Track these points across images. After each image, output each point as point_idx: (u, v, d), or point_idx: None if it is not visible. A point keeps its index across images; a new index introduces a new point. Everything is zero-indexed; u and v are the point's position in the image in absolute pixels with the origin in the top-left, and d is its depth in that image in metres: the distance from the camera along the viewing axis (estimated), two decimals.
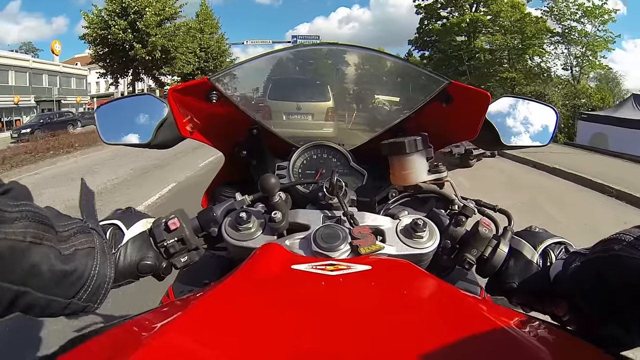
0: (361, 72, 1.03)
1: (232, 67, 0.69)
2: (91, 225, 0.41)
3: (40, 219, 0.32)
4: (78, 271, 0.36)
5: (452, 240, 0.50)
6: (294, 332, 0.28)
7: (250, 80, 0.91)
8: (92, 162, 7.48)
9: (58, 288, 0.34)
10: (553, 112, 0.70)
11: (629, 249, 0.30)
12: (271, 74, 0.96)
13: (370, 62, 1.01)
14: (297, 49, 0.90)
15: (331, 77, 1.02)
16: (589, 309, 0.34)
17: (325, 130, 1.05)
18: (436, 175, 0.55)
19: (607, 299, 0.31)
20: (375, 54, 0.87)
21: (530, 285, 0.46)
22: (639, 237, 0.30)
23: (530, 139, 0.68)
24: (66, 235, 0.36)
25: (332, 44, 0.91)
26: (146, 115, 0.66)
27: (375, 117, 1.02)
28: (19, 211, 0.30)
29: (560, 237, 0.48)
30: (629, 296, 0.29)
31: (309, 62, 0.95)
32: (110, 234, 0.45)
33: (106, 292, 0.39)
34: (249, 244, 0.48)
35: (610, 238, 0.33)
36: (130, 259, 0.45)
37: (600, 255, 0.33)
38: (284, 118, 1.06)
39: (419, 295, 0.37)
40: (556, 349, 0.28)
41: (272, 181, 0.48)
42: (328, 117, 1.03)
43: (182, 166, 6.25)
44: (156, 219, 0.50)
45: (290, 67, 0.92)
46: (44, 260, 0.31)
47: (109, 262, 0.40)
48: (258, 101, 0.98)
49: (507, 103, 0.67)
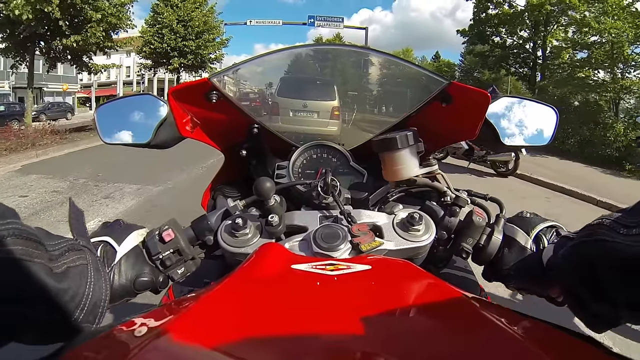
0: (361, 72, 1.03)
1: (232, 67, 0.69)
2: (82, 243, 0.39)
3: (29, 237, 0.30)
4: (72, 289, 0.34)
5: (448, 230, 0.51)
6: (294, 332, 0.28)
7: (253, 78, 0.91)
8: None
9: (52, 308, 0.32)
10: (553, 112, 0.70)
11: (610, 232, 0.31)
12: (277, 72, 0.96)
13: (370, 62, 1.01)
14: (297, 49, 0.90)
15: (332, 76, 1.03)
16: (579, 291, 0.36)
17: (330, 128, 1.06)
18: (428, 168, 0.56)
19: (594, 281, 0.33)
20: (376, 53, 0.88)
21: (525, 271, 0.47)
22: (618, 220, 0.31)
23: (530, 139, 0.68)
24: (57, 254, 0.34)
25: (331, 44, 0.92)
26: (146, 115, 0.66)
27: (376, 116, 1.02)
28: (6, 229, 0.29)
29: (551, 221, 0.49)
30: (613, 277, 0.31)
31: (309, 62, 0.95)
32: (101, 252, 0.43)
33: (103, 312, 0.38)
34: (247, 250, 0.47)
35: (594, 223, 0.34)
36: (125, 277, 0.44)
37: (585, 239, 0.35)
38: (290, 115, 1.07)
39: (419, 294, 0.37)
40: (554, 348, 0.28)
41: (268, 185, 0.48)
42: (333, 116, 1.04)
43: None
44: (149, 231, 0.49)
45: (293, 65, 0.93)
46: (36, 277, 0.30)
47: (103, 279, 0.39)
48: (266, 97, 0.98)
49: (507, 103, 0.67)
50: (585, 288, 0.34)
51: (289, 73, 0.96)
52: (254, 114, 0.73)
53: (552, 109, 0.70)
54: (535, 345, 0.26)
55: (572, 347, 0.29)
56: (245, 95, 0.92)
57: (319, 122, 1.10)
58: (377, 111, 1.05)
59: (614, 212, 0.33)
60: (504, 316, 0.32)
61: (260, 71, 0.89)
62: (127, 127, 0.67)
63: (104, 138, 0.67)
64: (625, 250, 0.29)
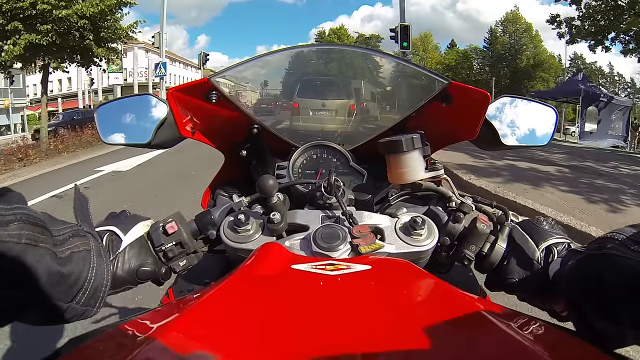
0: (362, 71, 1.04)
1: (233, 66, 0.69)
2: (86, 229, 0.40)
3: (35, 222, 0.31)
4: (75, 273, 0.35)
5: (451, 236, 0.51)
6: (294, 332, 0.28)
7: (255, 79, 0.92)
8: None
9: (56, 291, 0.33)
10: (553, 112, 0.70)
11: (621, 247, 0.30)
12: (278, 72, 0.97)
13: (370, 61, 1.01)
14: (297, 49, 0.91)
15: (333, 76, 1.04)
16: (584, 306, 0.34)
17: (347, 126, 1.09)
18: (433, 172, 0.56)
19: (600, 296, 0.32)
20: (376, 54, 0.88)
21: (529, 282, 0.46)
22: (631, 236, 0.30)
23: (530, 140, 0.68)
24: (61, 239, 0.35)
25: (330, 44, 0.92)
26: (146, 115, 0.66)
27: (376, 116, 1.03)
28: (13, 214, 0.30)
29: (563, 237, 0.47)
30: (620, 293, 0.30)
31: (311, 62, 0.95)
32: (107, 240, 0.44)
33: (104, 296, 0.39)
34: (248, 246, 0.47)
35: (604, 237, 0.33)
36: (129, 265, 0.45)
37: (594, 253, 0.34)
38: (310, 114, 1.11)
39: (419, 295, 0.37)
40: (555, 349, 0.28)
41: (270, 182, 0.48)
42: (350, 113, 1.08)
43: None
44: (154, 222, 0.50)
45: (296, 65, 0.93)
46: (40, 262, 0.31)
47: (105, 264, 0.40)
48: (286, 98, 1.03)
49: (507, 103, 0.67)
50: (590, 303, 0.33)
51: (290, 71, 0.97)
52: (256, 115, 0.73)
53: (552, 109, 0.70)
54: (536, 345, 0.26)
55: (573, 347, 0.29)
56: (254, 98, 0.94)
57: (338, 119, 1.14)
58: (377, 111, 1.05)
59: (626, 227, 0.32)
60: (505, 316, 0.32)
61: (263, 72, 0.89)
62: (127, 127, 0.67)
63: (104, 138, 0.67)
64: (634, 267, 0.29)
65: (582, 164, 6.38)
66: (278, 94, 1.04)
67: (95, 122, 0.68)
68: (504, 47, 25.04)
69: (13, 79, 9.96)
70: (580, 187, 4.46)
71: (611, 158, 7.78)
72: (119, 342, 0.29)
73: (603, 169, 6.00)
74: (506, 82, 30.15)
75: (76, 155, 8.49)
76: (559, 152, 7.64)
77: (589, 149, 9.61)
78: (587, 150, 9.15)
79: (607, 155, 8.56)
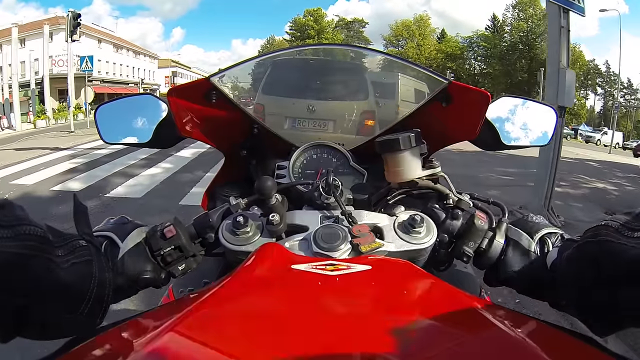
0: (362, 71, 1.03)
1: (233, 66, 0.69)
2: (87, 239, 0.40)
3: (37, 232, 0.31)
4: (77, 284, 0.35)
5: (449, 234, 0.51)
6: (294, 332, 0.28)
7: (251, 78, 0.91)
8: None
9: (59, 302, 0.33)
10: (553, 113, 0.70)
11: (615, 234, 0.31)
12: (284, 73, 0.95)
13: (370, 61, 1.01)
14: (296, 49, 0.89)
15: (334, 75, 1.02)
16: (582, 293, 0.35)
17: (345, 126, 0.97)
18: (430, 170, 0.56)
19: (598, 283, 0.33)
20: (377, 54, 0.88)
21: (528, 274, 0.46)
22: (624, 223, 0.31)
23: (530, 140, 0.68)
24: (63, 250, 0.35)
25: (333, 44, 0.92)
26: (146, 115, 0.66)
27: (376, 116, 1.02)
28: (16, 224, 0.29)
29: (556, 228, 0.49)
30: (617, 279, 0.31)
31: (310, 62, 0.95)
32: (104, 247, 0.44)
33: (107, 306, 0.38)
34: (247, 249, 0.47)
35: (599, 225, 0.34)
36: (127, 273, 0.44)
37: (590, 240, 0.35)
38: (285, 127, 1.03)
39: (419, 295, 0.37)
40: (553, 348, 0.28)
41: (269, 184, 0.48)
42: (363, 127, 0.88)
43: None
44: (151, 227, 0.49)
45: (294, 65, 0.93)
46: (42, 271, 0.31)
47: (107, 275, 0.39)
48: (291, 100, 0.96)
49: (507, 103, 0.67)
50: (588, 290, 0.34)
51: (290, 71, 0.94)
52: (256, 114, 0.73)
53: (552, 109, 0.70)
54: (535, 345, 0.26)
55: (572, 347, 0.29)
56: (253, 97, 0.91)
57: (338, 138, 0.78)
58: (377, 111, 1.05)
59: (620, 214, 0.33)
60: (505, 316, 0.32)
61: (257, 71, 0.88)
62: (127, 127, 0.68)
63: (104, 138, 0.68)
64: (629, 252, 0.29)
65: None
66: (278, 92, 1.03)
67: (96, 122, 0.68)
68: (518, 34, 22.14)
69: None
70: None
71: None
72: (119, 342, 0.29)
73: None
74: (523, 77, 27.39)
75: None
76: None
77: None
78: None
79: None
